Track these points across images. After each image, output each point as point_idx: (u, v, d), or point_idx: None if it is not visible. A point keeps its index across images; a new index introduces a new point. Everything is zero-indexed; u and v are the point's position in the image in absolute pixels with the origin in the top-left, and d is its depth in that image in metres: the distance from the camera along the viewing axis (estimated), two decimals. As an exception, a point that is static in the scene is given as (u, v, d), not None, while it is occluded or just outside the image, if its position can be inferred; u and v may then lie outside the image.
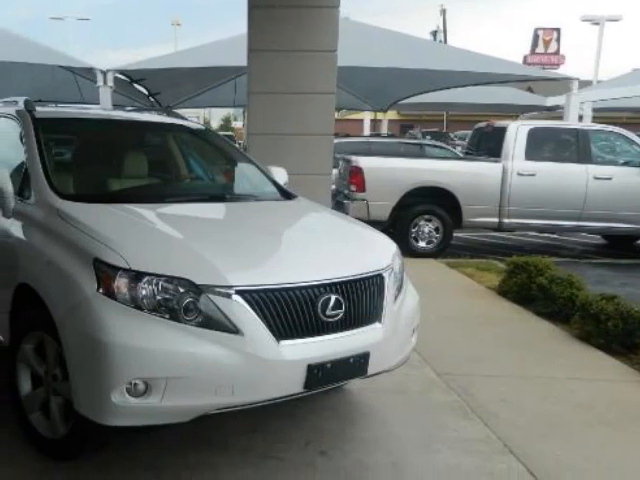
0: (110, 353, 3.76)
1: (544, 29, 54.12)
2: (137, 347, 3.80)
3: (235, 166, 6.70)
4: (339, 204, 13.33)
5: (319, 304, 4.19)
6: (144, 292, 3.91)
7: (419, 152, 18.42)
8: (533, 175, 13.35)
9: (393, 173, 13.29)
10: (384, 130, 29.06)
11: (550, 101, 26.86)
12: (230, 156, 6.91)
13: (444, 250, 13.41)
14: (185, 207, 5.43)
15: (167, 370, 3.82)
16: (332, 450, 4.84)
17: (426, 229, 13.39)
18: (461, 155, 18.07)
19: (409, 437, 5.11)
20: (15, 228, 4.91)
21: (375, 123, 34.67)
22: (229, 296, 3.95)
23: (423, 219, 13.38)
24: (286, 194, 6.14)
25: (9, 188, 4.89)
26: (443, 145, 20.91)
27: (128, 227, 4.56)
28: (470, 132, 17.92)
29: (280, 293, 4.08)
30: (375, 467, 4.64)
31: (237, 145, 9.36)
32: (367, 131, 33.10)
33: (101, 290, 3.92)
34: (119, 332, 3.80)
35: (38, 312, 4.33)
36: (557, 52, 53.89)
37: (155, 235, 4.50)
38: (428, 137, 32.55)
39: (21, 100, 5.83)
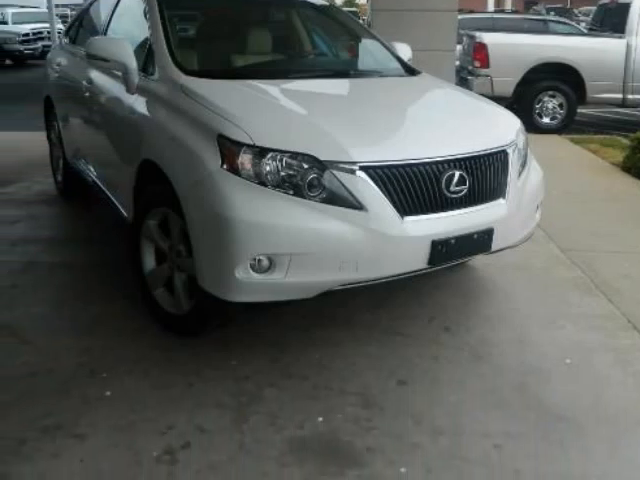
0: (234, 229, 3.62)
1: None
2: (261, 223, 3.64)
3: (359, 42, 6.40)
4: (463, 80, 13.22)
5: (443, 180, 3.96)
6: (268, 168, 3.72)
7: (543, 28, 17.64)
8: None
9: (517, 49, 12.95)
10: (508, 6, 28.42)
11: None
12: (354, 32, 6.58)
13: (568, 126, 13.02)
14: (309, 83, 5.19)
15: (291, 246, 3.67)
16: (456, 326, 4.66)
17: (550, 105, 13.02)
18: (585, 31, 17.30)
19: (533, 313, 4.90)
20: (139, 104, 4.77)
21: (499, -1, 33.80)
22: (353, 172, 3.74)
23: (547, 95, 13.01)
24: (410, 70, 5.83)
25: (133, 64, 4.74)
26: (567, 21, 20.02)
27: (252, 103, 4.35)
28: (594, 8, 17.38)
29: (404, 169, 3.85)
30: (499, 343, 4.44)
31: (361, 21, 9.07)
32: (491, 7, 32.19)
33: (225, 166, 3.75)
34: (243, 208, 3.65)
35: (162, 188, 4.20)
36: None
37: (279, 111, 4.30)
38: (552, 13, 31.38)
39: None
